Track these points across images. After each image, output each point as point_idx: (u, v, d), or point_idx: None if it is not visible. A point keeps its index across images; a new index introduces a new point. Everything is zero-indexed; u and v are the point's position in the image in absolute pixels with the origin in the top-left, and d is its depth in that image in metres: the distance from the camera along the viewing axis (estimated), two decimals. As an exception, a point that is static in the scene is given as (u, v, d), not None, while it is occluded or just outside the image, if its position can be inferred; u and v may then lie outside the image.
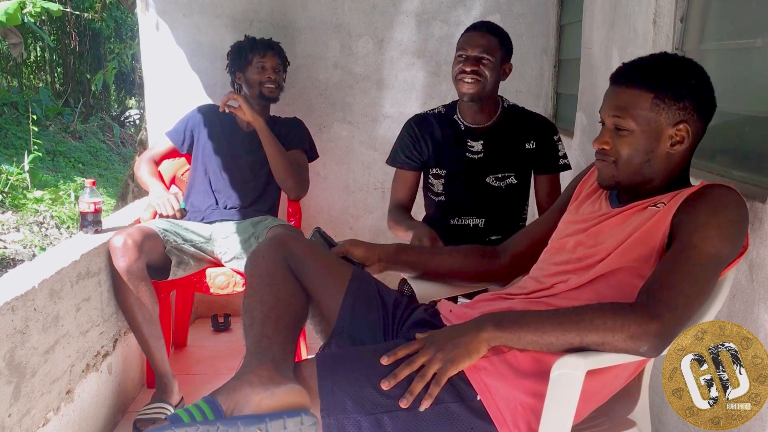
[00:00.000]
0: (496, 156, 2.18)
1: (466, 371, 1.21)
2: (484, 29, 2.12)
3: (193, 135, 2.68)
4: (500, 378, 1.22)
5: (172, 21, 2.99)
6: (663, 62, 1.36)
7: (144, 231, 2.26)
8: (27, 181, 6.92)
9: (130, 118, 11.24)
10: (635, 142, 1.32)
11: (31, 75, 11.50)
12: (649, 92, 1.30)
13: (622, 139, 1.33)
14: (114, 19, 10.81)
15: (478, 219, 2.19)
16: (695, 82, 1.32)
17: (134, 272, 2.16)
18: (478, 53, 2.08)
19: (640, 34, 2.00)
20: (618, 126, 1.33)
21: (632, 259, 1.29)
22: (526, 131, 2.20)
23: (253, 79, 2.63)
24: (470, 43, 2.10)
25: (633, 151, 1.32)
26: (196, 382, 2.48)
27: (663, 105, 1.30)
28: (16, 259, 5.26)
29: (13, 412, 1.59)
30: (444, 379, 1.18)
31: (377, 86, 3.12)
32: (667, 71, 1.32)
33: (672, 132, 1.31)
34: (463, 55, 2.10)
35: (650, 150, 1.32)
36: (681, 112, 1.30)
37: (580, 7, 2.63)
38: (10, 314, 1.59)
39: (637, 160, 1.33)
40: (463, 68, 2.09)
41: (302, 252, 1.45)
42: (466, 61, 2.09)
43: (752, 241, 1.42)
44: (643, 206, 1.35)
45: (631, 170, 1.34)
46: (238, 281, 2.43)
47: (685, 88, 1.30)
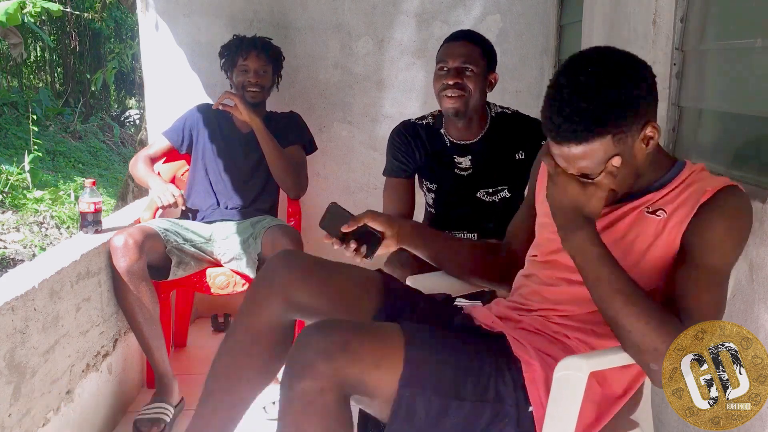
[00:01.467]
0: (485, 171, 2.12)
1: (526, 382, 1.23)
2: (464, 38, 2.04)
3: (191, 134, 2.67)
4: None
5: (172, 21, 2.99)
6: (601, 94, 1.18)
7: (145, 231, 2.26)
8: (27, 181, 6.92)
9: (130, 118, 11.23)
10: (623, 172, 1.23)
11: (31, 75, 11.50)
12: (607, 135, 1.17)
13: (611, 175, 1.23)
14: (114, 19, 10.80)
15: (470, 233, 2.15)
16: (636, 91, 1.20)
17: (135, 272, 2.16)
18: (459, 63, 1.99)
19: (640, 34, 2.00)
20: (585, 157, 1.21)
21: (643, 277, 1.25)
22: (516, 141, 2.12)
23: (238, 81, 2.61)
24: (450, 54, 2.00)
25: (624, 177, 1.24)
26: (196, 382, 2.46)
27: (624, 135, 1.19)
28: (16, 259, 5.26)
29: (13, 412, 1.59)
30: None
31: (377, 86, 3.11)
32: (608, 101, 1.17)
33: (642, 137, 1.22)
34: (444, 67, 2.00)
35: (635, 166, 1.25)
36: (640, 119, 1.19)
37: (580, 7, 2.63)
38: (10, 314, 1.59)
39: (630, 181, 1.27)
40: (446, 82, 1.98)
41: (310, 297, 1.42)
42: (448, 74, 1.99)
43: (752, 241, 1.42)
44: (634, 209, 1.31)
45: (629, 184, 1.29)
46: (238, 281, 2.43)
47: (632, 103, 1.18)
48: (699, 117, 1.92)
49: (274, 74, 2.70)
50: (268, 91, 2.67)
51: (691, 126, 1.95)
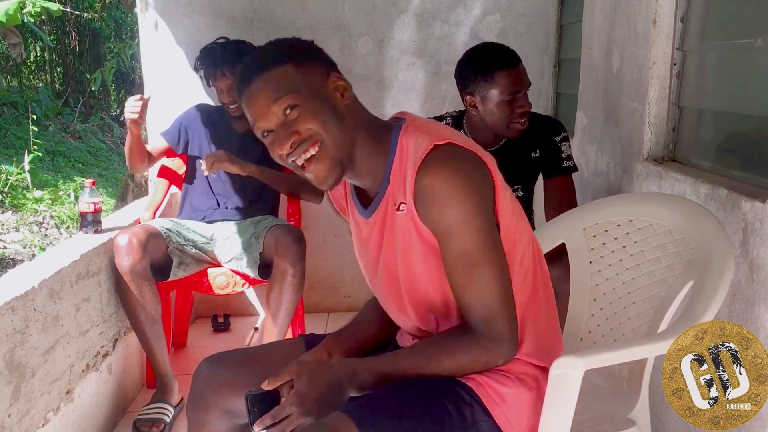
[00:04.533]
0: (504, 171, 2.11)
1: (482, 398, 1.18)
2: (519, 61, 2.02)
3: (188, 134, 2.65)
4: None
5: (172, 21, 2.99)
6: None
7: (149, 230, 2.26)
8: (27, 181, 6.92)
9: (130, 117, 11.23)
10: (314, 109, 1.16)
11: (30, 75, 11.51)
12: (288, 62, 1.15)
13: (300, 119, 1.15)
14: (114, 19, 10.82)
15: None
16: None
17: (138, 272, 2.15)
18: (527, 89, 2.03)
19: (640, 34, 2.00)
20: (287, 107, 1.14)
21: (436, 286, 1.19)
22: (531, 139, 2.12)
23: (219, 100, 2.55)
24: (520, 82, 2.00)
25: (322, 118, 1.15)
26: (195, 382, 2.48)
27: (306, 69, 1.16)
28: (16, 259, 5.26)
29: (13, 412, 1.59)
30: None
31: (377, 86, 3.11)
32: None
33: (330, 85, 1.17)
34: (517, 95, 1.99)
35: (333, 110, 1.16)
36: (320, 61, 1.19)
37: (580, 7, 2.63)
38: (10, 314, 1.59)
39: (333, 124, 1.16)
40: (523, 109, 2.00)
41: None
42: (523, 100, 2.01)
43: (752, 241, 1.42)
44: (387, 208, 1.20)
45: (339, 140, 1.16)
46: (238, 281, 2.43)
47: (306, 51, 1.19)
48: (699, 117, 1.92)
49: None
50: None
51: (691, 126, 1.95)
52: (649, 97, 1.96)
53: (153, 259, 2.24)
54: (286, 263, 2.26)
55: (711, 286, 1.28)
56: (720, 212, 1.53)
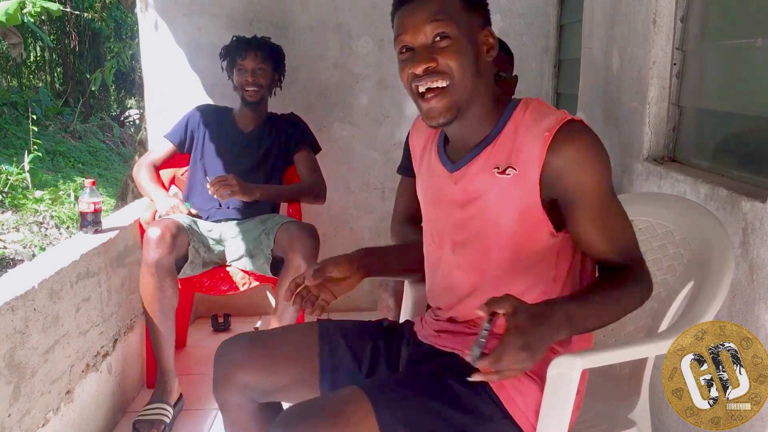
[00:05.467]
0: None
1: (497, 393, 1.19)
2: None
3: (193, 134, 2.67)
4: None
5: (172, 21, 2.99)
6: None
7: (178, 225, 2.29)
8: (27, 181, 6.92)
9: (129, 118, 11.24)
10: (461, 49, 1.16)
11: (30, 75, 11.50)
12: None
13: (446, 51, 1.15)
14: (114, 19, 10.82)
15: None
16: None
17: (164, 266, 2.18)
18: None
19: (640, 34, 2.00)
20: (440, 34, 1.15)
21: (532, 239, 1.20)
22: None
23: (237, 82, 2.59)
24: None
25: (464, 60, 1.16)
26: (196, 382, 2.48)
27: (472, 2, 1.20)
28: (16, 259, 5.26)
29: (13, 412, 1.59)
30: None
31: (377, 86, 3.11)
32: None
33: (482, 37, 1.20)
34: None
35: (475, 60, 1.17)
36: (483, 12, 1.23)
37: (580, 7, 2.63)
38: (10, 314, 1.59)
39: (469, 71, 1.17)
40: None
41: (257, 377, 1.36)
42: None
43: (752, 241, 1.42)
44: (484, 169, 1.21)
45: (468, 88, 1.17)
46: (248, 279, 2.46)
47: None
48: (699, 117, 1.92)
49: (274, 72, 2.67)
50: (267, 89, 2.64)
51: (691, 126, 1.95)
52: (649, 97, 1.96)
53: (177, 254, 2.26)
54: (300, 258, 2.27)
55: (711, 286, 1.28)
56: (720, 212, 1.53)
